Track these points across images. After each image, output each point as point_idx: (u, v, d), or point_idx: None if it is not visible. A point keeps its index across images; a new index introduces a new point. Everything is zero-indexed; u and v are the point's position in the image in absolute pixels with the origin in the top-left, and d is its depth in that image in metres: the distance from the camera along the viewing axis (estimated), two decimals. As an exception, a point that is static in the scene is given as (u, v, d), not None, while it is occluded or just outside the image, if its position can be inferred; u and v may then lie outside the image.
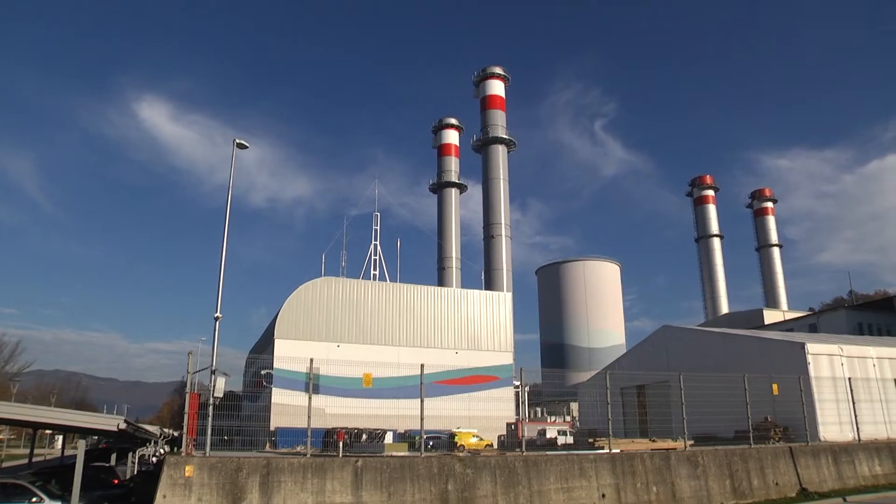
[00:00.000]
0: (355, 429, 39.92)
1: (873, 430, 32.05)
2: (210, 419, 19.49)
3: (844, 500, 24.04)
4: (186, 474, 16.59)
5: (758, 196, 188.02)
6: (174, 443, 28.76)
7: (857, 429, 30.11)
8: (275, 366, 49.99)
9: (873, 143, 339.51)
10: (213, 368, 20.75)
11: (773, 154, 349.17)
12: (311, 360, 21.78)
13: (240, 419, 49.07)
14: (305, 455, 18.90)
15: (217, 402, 20.25)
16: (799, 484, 25.07)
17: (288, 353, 50.35)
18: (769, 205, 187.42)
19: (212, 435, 19.52)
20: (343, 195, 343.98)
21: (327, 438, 35.40)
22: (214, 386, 20.22)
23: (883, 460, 28.61)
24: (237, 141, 25.86)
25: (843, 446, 28.27)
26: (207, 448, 18.90)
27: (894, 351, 39.55)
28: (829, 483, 25.97)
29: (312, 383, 21.42)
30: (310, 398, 20.46)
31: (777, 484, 24.58)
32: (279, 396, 48.96)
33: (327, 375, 47.70)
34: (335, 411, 45.71)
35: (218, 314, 22.73)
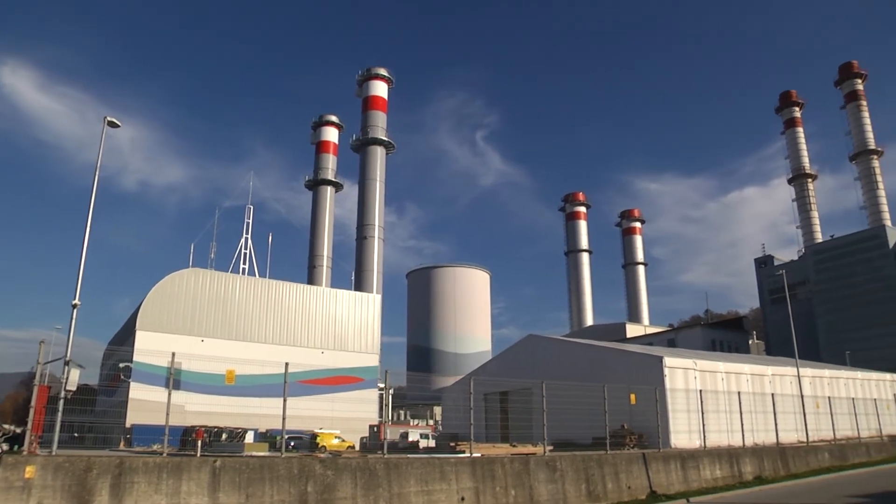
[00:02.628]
0: (215, 427, 38.91)
1: (717, 438, 34.23)
2: (60, 414, 18.50)
3: (688, 500, 25.61)
4: (26, 476, 15.33)
5: (627, 216, 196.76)
6: (15, 440, 26.95)
7: (704, 437, 32.09)
8: (134, 359, 47.88)
9: (735, 175, 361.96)
10: (68, 359, 19.66)
11: (646, 177, 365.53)
12: (173, 355, 21.17)
13: (93, 415, 46.87)
14: (162, 454, 18.31)
15: (69, 396, 19.29)
16: (649, 487, 26.45)
17: (149, 346, 48.24)
18: (637, 225, 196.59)
19: (61, 432, 18.54)
20: (218, 185, 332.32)
21: (186, 437, 34.28)
22: (67, 378, 19.22)
23: (723, 465, 30.68)
24: (108, 119, 24.70)
25: (691, 453, 30.09)
26: (54, 446, 17.95)
27: (741, 366, 42.52)
28: (676, 486, 27.57)
29: (173, 379, 20.83)
30: (169, 394, 19.86)
31: (630, 487, 25.82)
32: (138, 392, 46.91)
33: (190, 371, 46.29)
34: (196, 408, 44.39)
35: (76, 301, 21.53)
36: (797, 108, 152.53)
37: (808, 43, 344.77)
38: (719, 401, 36.67)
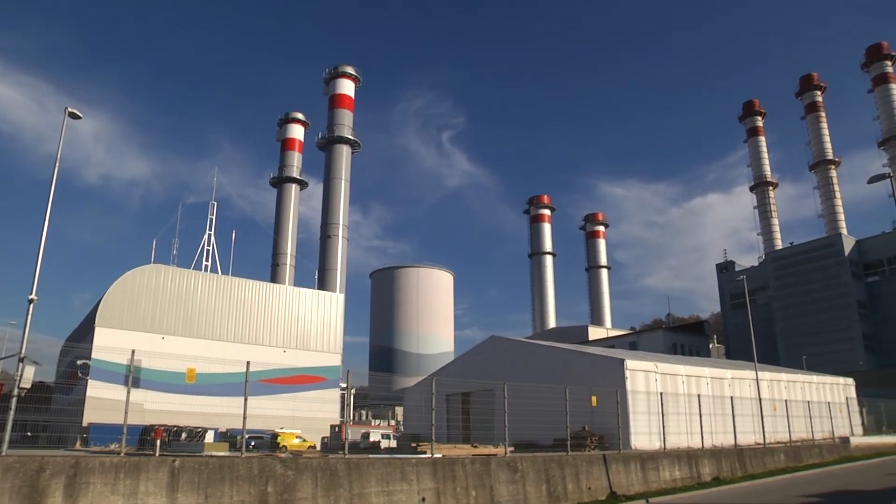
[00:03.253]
0: (175, 427, 38.46)
1: (677, 439, 34.65)
2: (12, 413, 18.05)
3: (647, 501, 25.84)
4: (-29, 477, 14.87)
5: (591, 220, 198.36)
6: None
7: (664, 439, 32.47)
8: (93, 356, 47.04)
9: (698, 181, 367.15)
10: (22, 356, 19.21)
11: (610, 182, 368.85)
12: (133, 352, 20.80)
13: (49, 413, 45.94)
14: (119, 454, 17.98)
15: (23, 394, 18.85)
16: (609, 488, 26.64)
17: (109, 343, 47.47)
18: (601, 228, 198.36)
19: (13, 431, 18.08)
20: (182, 180, 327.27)
21: (145, 436, 33.81)
22: (21, 375, 18.78)
23: (682, 466, 31.02)
24: (69, 110, 24.22)
25: (651, 454, 30.35)
26: (4, 446, 17.45)
27: (701, 370, 43.12)
28: (636, 487, 27.79)
29: (133, 376, 20.45)
30: (128, 392, 19.51)
31: (590, 488, 25.96)
32: (96, 389, 46.09)
33: (150, 369, 45.65)
34: (155, 407, 43.77)
35: (33, 296, 21.02)
36: (760, 118, 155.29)
37: (772, 53, 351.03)
38: (679, 403, 37.11)
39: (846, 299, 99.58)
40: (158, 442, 22.48)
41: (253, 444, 38.08)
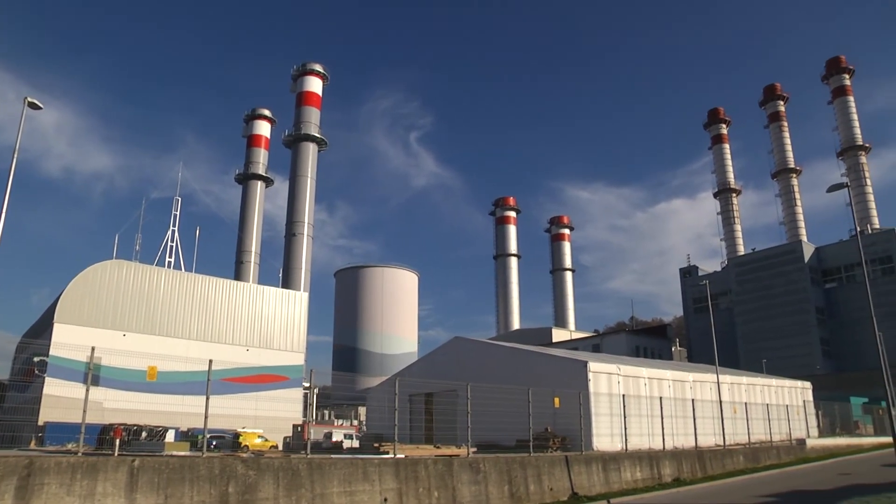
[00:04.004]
0: (135, 425, 37.80)
1: (639, 441, 34.97)
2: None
3: (608, 502, 26.05)
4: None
5: (556, 222, 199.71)
6: None
7: (626, 440, 32.74)
8: (51, 353, 46.12)
9: (663, 187, 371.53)
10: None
11: (576, 186, 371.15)
12: (93, 349, 20.47)
13: (2, 412, 44.89)
14: (77, 453, 17.63)
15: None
16: (571, 489, 26.81)
17: (67, 340, 46.55)
18: (566, 231, 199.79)
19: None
20: (146, 175, 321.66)
21: (103, 436, 33.13)
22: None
23: (643, 467, 31.35)
24: (29, 100, 23.78)
25: (613, 455, 30.63)
26: (-47, 446, 17.02)
27: (663, 372, 43.55)
28: (597, 488, 28.01)
29: (92, 374, 20.12)
30: (87, 390, 19.20)
31: (552, 489, 26.10)
32: (53, 387, 45.09)
33: (110, 366, 44.83)
34: (115, 405, 43.04)
35: (-13, 293, 20.61)
36: (724, 126, 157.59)
37: (737, 62, 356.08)
38: (641, 405, 37.49)
39: (805, 305, 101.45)
40: (118, 441, 22.03)
41: (214, 443, 37.65)
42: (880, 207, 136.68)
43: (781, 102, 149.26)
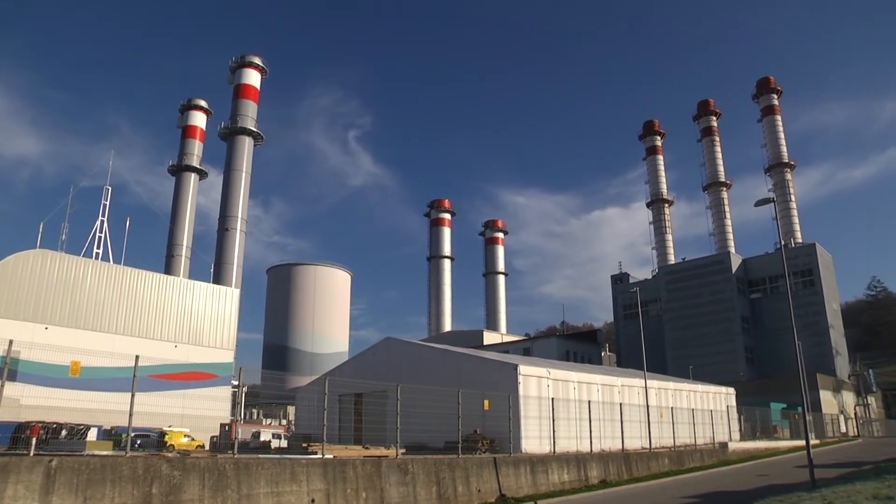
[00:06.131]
0: (54, 423, 36.57)
1: (567, 443, 35.34)
2: None
3: (535, 503, 26.32)
4: None
5: (490, 226, 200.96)
6: None
7: (554, 443, 33.07)
8: (-37, 346, 44.24)
9: (598, 195, 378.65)
10: None
11: (512, 190, 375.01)
12: (11, 342, 19.75)
13: None
14: (-13, 451, 16.87)
15: None
16: (499, 490, 26.95)
17: (-18, 332, 44.72)
18: (500, 235, 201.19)
19: None
20: (76, 163, 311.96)
21: (18, 434, 31.92)
22: None
23: (571, 469, 31.74)
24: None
25: (541, 458, 30.90)
26: None
27: (593, 377, 44.19)
28: (525, 489, 28.24)
29: (9, 369, 19.36)
30: (2, 386, 18.44)
31: (480, 491, 26.18)
32: (-38, 383, 43.27)
33: (29, 361, 43.16)
34: (34, 402, 41.25)
35: None
36: (659, 137, 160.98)
37: (672, 77, 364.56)
38: (570, 409, 37.93)
39: (731, 314, 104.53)
40: (34, 440, 21.21)
41: (139, 442, 36.73)
42: (803, 223, 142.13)
43: (714, 118, 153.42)
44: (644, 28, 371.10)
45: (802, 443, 43.18)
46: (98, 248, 69.64)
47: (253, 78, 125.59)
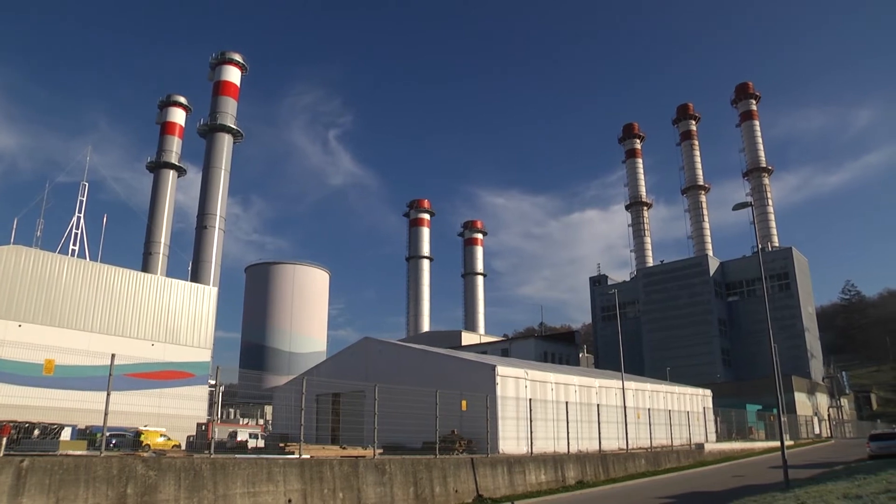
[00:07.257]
0: (27, 423, 36.12)
1: (544, 444, 35.43)
2: None
3: (512, 503, 26.37)
4: None
5: (470, 227, 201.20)
6: None
7: (532, 443, 33.15)
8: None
9: (577, 197, 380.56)
10: None
11: (492, 192, 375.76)
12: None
13: None
14: (-44, 452, 16.55)
15: None
16: (476, 491, 26.97)
17: (-47, 330, 44.06)
18: (479, 236, 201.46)
19: None
20: (53, 158, 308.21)
21: (-11, 433, 31.53)
22: None
23: (547, 470, 31.84)
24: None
25: (518, 458, 30.97)
26: None
27: (570, 378, 44.37)
28: (502, 490, 28.28)
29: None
30: (-26, 385, 18.20)
31: (457, 491, 26.18)
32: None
33: (2, 359, 42.68)
34: (6, 401, 40.67)
35: None
36: (638, 140, 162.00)
37: (653, 80, 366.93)
38: (548, 410, 38.03)
39: (708, 316, 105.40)
40: (5, 440, 20.88)
41: (114, 442, 36.34)
42: (780, 227, 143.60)
43: (693, 122, 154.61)
44: (624, 32, 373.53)
45: (777, 444, 43.64)
46: (74, 244, 68.87)
47: (233, 75, 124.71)
